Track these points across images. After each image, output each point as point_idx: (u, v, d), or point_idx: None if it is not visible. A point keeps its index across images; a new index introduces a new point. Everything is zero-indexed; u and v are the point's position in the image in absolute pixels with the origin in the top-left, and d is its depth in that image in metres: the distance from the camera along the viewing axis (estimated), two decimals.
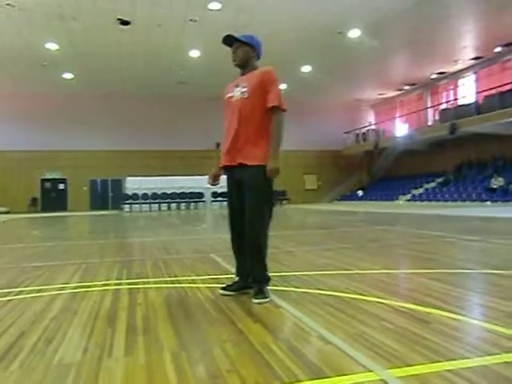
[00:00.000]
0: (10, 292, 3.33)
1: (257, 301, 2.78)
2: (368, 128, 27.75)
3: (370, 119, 29.12)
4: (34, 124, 23.43)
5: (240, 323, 2.37)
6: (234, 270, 3.14)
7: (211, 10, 13.90)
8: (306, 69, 20.68)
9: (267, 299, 2.81)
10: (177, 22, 14.76)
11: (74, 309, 2.78)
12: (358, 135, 27.72)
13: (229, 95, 3.02)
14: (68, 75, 20.32)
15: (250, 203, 2.88)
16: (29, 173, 23.57)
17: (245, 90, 2.92)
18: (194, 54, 17.92)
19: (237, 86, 3.00)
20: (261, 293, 2.84)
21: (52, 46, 16.56)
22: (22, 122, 23.20)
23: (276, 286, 3.20)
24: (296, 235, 7.53)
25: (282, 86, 23.13)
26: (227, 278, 3.49)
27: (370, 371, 1.68)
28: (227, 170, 3.04)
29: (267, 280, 2.94)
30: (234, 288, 3.02)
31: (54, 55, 17.42)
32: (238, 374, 1.71)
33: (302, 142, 26.29)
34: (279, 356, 1.88)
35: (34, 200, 23.82)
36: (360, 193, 25.85)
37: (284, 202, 24.39)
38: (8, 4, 12.91)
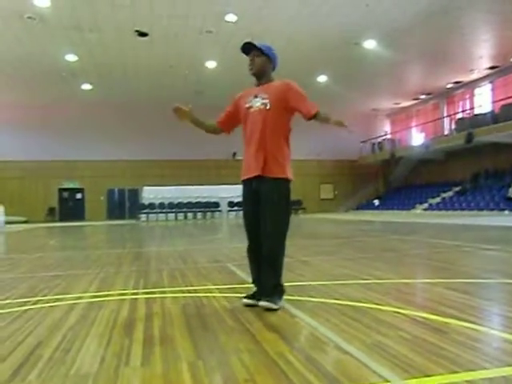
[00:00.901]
0: (27, 301, 3.37)
1: (264, 303, 2.79)
2: (384, 137, 27.60)
3: (385, 128, 28.97)
4: (52, 134, 23.86)
5: (256, 333, 2.37)
6: (250, 279, 3.14)
7: (227, 21, 14.10)
8: (322, 79, 20.71)
9: (276, 306, 2.81)
10: (193, 33, 14.97)
11: (92, 318, 2.81)
12: (374, 144, 27.58)
13: (247, 105, 3.01)
14: (87, 86, 20.74)
15: (270, 216, 2.89)
16: (46, 182, 23.96)
17: (266, 101, 2.92)
18: (211, 64, 18.12)
19: (255, 96, 2.99)
20: (269, 297, 2.83)
21: (71, 58, 16.95)
22: (40, 132, 23.64)
23: (291, 295, 3.19)
24: (311, 245, 7.50)
25: None
26: (243, 287, 3.50)
27: (388, 381, 1.67)
28: (246, 180, 3.02)
29: (281, 292, 2.93)
30: (255, 297, 2.96)
31: (73, 66, 17.82)
32: (254, 383, 1.70)
33: (318, 152, 26.27)
34: (296, 366, 1.87)
35: (52, 209, 24.16)
36: (376, 202, 25.64)
37: (300, 211, 24.32)
38: (29, 17, 13.28)
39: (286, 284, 3.00)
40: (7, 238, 12.27)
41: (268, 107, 2.91)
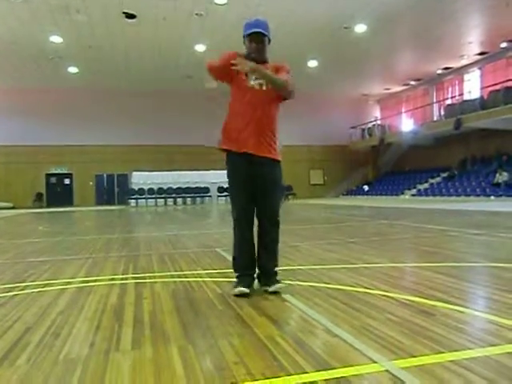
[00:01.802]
0: (15, 287, 3.36)
1: (278, 285, 2.84)
2: (374, 123, 27.65)
3: (375, 114, 29.02)
4: (39, 118, 23.47)
5: (246, 317, 2.39)
6: None
7: (217, 4, 13.88)
8: (313, 64, 20.59)
9: (283, 285, 2.90)
10: (182, 16, 14.74)
11: (81, 303, 2.81)
12: (363, 130, 27.63)
13: (246, 79, 2.88)
14: (73, 69, 20.37)
15: (272, 198, 2.92)
16: (34, 168, 23.65)
17: (262, 81, 2.87)
18: (200, 48, 17.88)
19: (247, 75, 2.88)
20: (277, 281, 2.89)
21: (56, 39, 16.52)
22: (26, 117, 23.24)
23: (282, 279, 3.21)
24: (301, 230, 7.54)
25: None
26: (233, 272, 3.50)
27: (376, 362, 1.70)
28: (244, 156, 2.86)
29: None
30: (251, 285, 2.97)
31: (59, 48, 17.42)
32: (244, 366, 1.72)
33: (308, 137, 26.31)
34: (285, 348, 1.89)
35: (40, 195, 23.90)
36: (366, 187, 25.81)
37: (290, 196, 24.38)
38: None
39: (276, 269, 3.02)
40: None
41: (265, 88, 2.89)
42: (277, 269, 3.00)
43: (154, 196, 23.04)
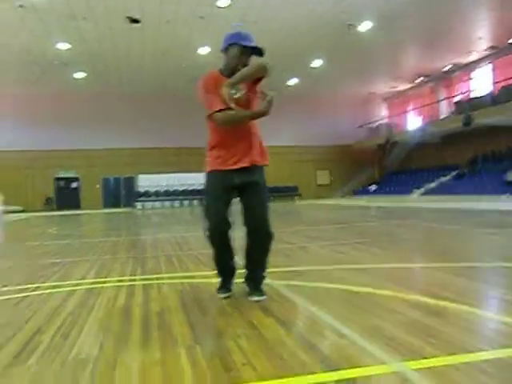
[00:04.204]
0: (27, 288, 3.38)
1: (257, 298, 2.75)
2: (380, 122, 27.52)
3: (382, 113, 28.88)
4: (47, 124, 23.65)
5: (254, 318, 2.38)
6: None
7: (219, 7, 13.88)
8: (318, 63, 20.53)
9: (265, 297, 2.79)
10: (185, 19, 14.76)
11: (90, 304, 2.81)
12: (371, 129, 27.50)
13: (233, 95, 2.72)
14: (79, 74, 20.49)
15: (262, 202, 2.85)
16: (43, 172, 23.86)
17: (245, 91, 2.76)
18: (204, 51, 17.91)
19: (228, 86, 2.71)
20: (261, 291, 2.82)
21: (63, 46, 16.69)
22: (34, 122, 23.44)
23: (290, 280, 3.20)
24: (309, 230, 7.52)
25: (293, 81, 23.01)
26: (240, 272, 3.50)
27: (386, 364, 1.68)
28: (226, 171, 2.78)
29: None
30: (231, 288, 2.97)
31: (65, 55, 17.56)
32: (252, 367, 1.71)
33: (314, 137, 26.23)
34: (292, 349, 1.88)
35: (49, 199, 24.12)
36: (373, 187, 25.67)
37: (296, 197, 24.33)
38: (20, 5, 13.04)
39: (284, 270, 3.01)
40: (5, 227, 12.23)
41: (245, 97, 2.77)
42: (264, 275, 2.91)
43: (160, 198, 23.11)
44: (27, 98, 23.10)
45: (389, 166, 27.45)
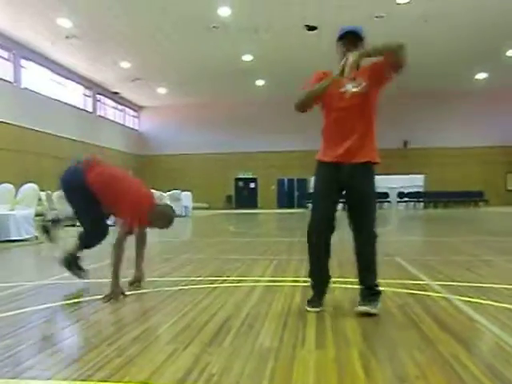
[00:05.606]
0: (215, 280, 3.87)
1: (368, 309, 2.64)
2: None
3: None
4: (229, 129, 26.46)
5: (428, 331, 2.33)
6: (422, 274, 3.06)
7: (398, 3, 13.65)
8: None
9: (376, 310, 2.66)
10: (363, 22, 14.73)
11: (269, 300, 3.10)
12: None
13: (342, 90, 2.76)
14: (260, 82, 22.56)
15: (369, 208, 2.86)
16: (224, 173, 26.72)
17: (364, 83, 2.72)
18: None
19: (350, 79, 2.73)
20: (369, 301, 2.70)
21: (247, 58, 18.71)
22: (219, 127, 26.51)
23: (471, 297, 3.01)
24: (495, 242, 6.79)
25: (482, 76, 20.72)
26: (414, 283, 3.41)
27: None
28: (332, 166, 2.85)
29: (380, 293, 2.83)
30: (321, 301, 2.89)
31: (249, 66, 19.47)
32: (426, 381, 1.71)
33: (506, 136, 23.25)
34: (472, 370, 1.80)
35: (229, 197, 26.77)
36: None
37: (481, 203, 22.00)
38: (214, 26, 14.96)
39: (463, 284, 2.85)
40: (194, 223, 14.00)
41: (364, 90, 2.75)
42: (376, 283, 2.82)
43: None
44: (212, 106, 26.34)
45: None
